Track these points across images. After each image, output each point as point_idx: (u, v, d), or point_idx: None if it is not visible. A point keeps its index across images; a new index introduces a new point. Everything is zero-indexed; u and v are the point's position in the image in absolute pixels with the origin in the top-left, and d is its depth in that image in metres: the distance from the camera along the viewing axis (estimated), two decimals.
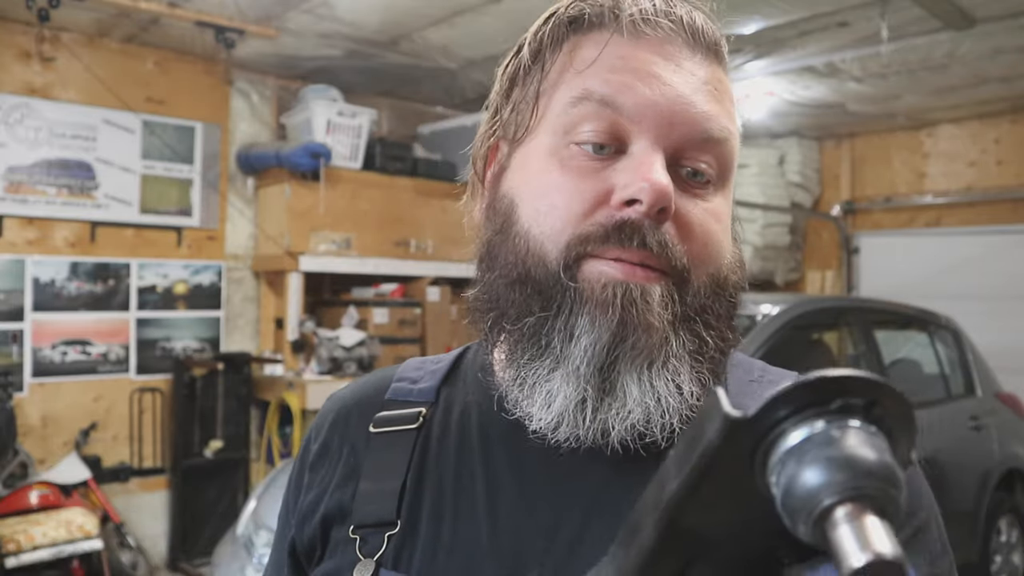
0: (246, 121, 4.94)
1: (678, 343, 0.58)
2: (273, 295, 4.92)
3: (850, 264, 6.82)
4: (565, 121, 0.61)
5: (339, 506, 0.67)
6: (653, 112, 0.58)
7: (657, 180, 0.57)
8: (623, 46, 0.60)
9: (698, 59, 0.61)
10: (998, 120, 6.03)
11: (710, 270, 0.61)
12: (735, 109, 0.65)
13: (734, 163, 0.64)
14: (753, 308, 3.45)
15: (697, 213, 0.60)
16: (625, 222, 0.57)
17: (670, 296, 0.58)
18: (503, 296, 0.62)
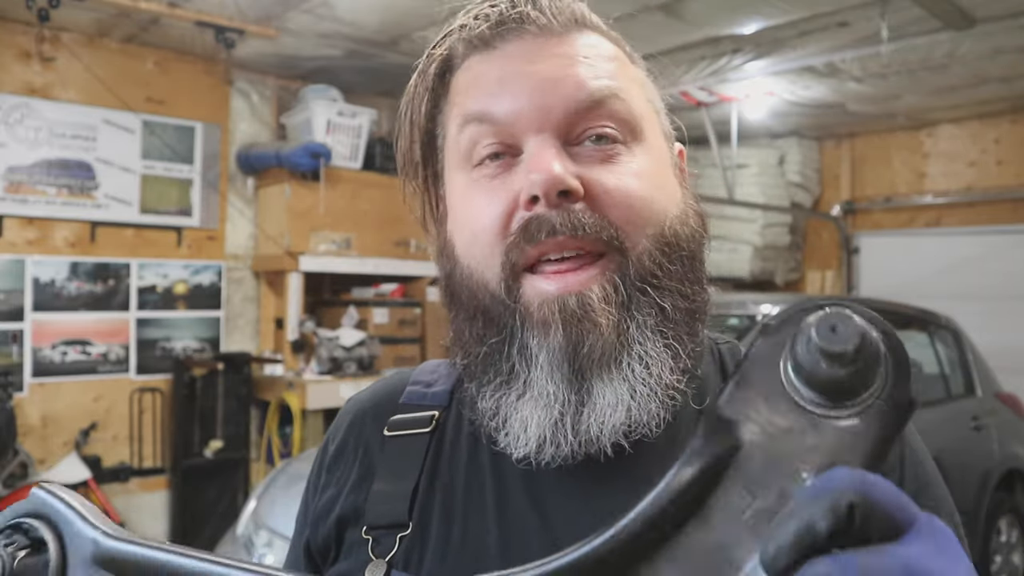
0: (246, 121, 4.94)
1: (635, 326, 0.57)
2: (273, 295, 4.92)
3: (850, 264, 6.82)
4: (461, 150, 0.62)
5: (354, 508, 0.68)
6: (526, 107, 0.58)
7: (544, 168, 0.56)
8: (483, 62, 0.62)
9: (556, 40, 0.61)
10: (998, 120, 6.03)
11: (648, 231, 0.59)
12: (623, 65, 0.64)
13: (637, 116, 0.62)
14: (753, 308, 3.45)
15: (611, 179, 0.59)
16: (531, 220, 0.57)
17: (612, 283, 0.57)
18: (464, 332, 0.63)
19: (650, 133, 0.63)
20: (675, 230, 0.61)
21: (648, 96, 0.66)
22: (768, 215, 6.44)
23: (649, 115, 0.64)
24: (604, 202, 0.58)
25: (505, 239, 0.59)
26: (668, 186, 0.63)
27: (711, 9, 3.83)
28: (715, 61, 4.49)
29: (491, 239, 0.59)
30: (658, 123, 0.66)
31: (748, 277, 6.49)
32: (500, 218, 0.59)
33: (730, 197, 5.92)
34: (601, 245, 0.57)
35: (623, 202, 0.58)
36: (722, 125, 5.69)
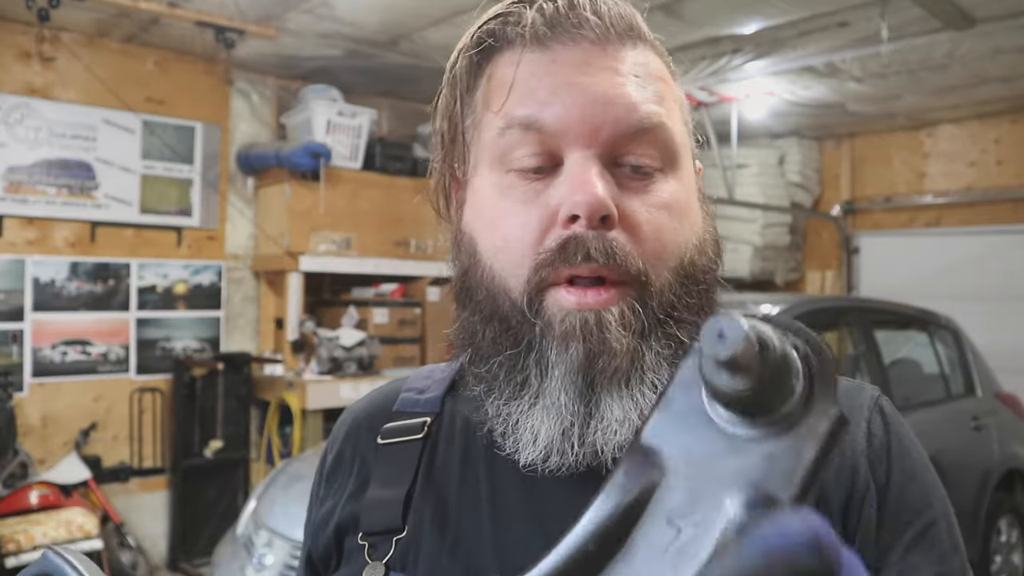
0: (246, 121, 4.94)
1: (651, 355, 0.58)
2: (273, 295, 4.92)
3: (850, 264, 6.82)
4: (497, 151, 0.61)
5: (352, 516, 0.69)
6: (576, 122, 0.58)
7: (591, 192, 0.56)
8: (534, 63, 0.60)
9: (611, 51, 0.60)
10: (998, 120, 6.03)
11: (670, 264, 0.60)
12: (670, 86, 0.64)
13: (678, 144, 0.62)
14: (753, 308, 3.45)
15: (644, 212, 0.59)
16: (569, 239, 0.57)
17: (631, 311, 0.58)
18: (479, 333, 0.63)
19: (685, 159, 0.63)
20: (694, 261, 0.61)
21: (686, 117, 0.66)
22: (768, 215, 6.44)
23: (685, 140, 0.64)
24: (637, 234, 0.58)
25: (537, 254, 0.58)
26: (693, 214, 0.63)
27: (711, 9, 3.83)
28: (715, 61, 4.49)
29: (523, 250, 0.59)
30: (690, 146, 0.65)
31: (748, 277, 6.49)
32: (535, 231, 0.59)
33: (730, 197, 5.92)
34: (627, 277, 0.58)
35: (653, 236, 0.59)
36: (722, 125, 5.69)
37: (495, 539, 0.62)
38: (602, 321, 0.57)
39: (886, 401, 0.67)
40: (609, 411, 0.57)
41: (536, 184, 0.60)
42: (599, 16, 0.60)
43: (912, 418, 3.69)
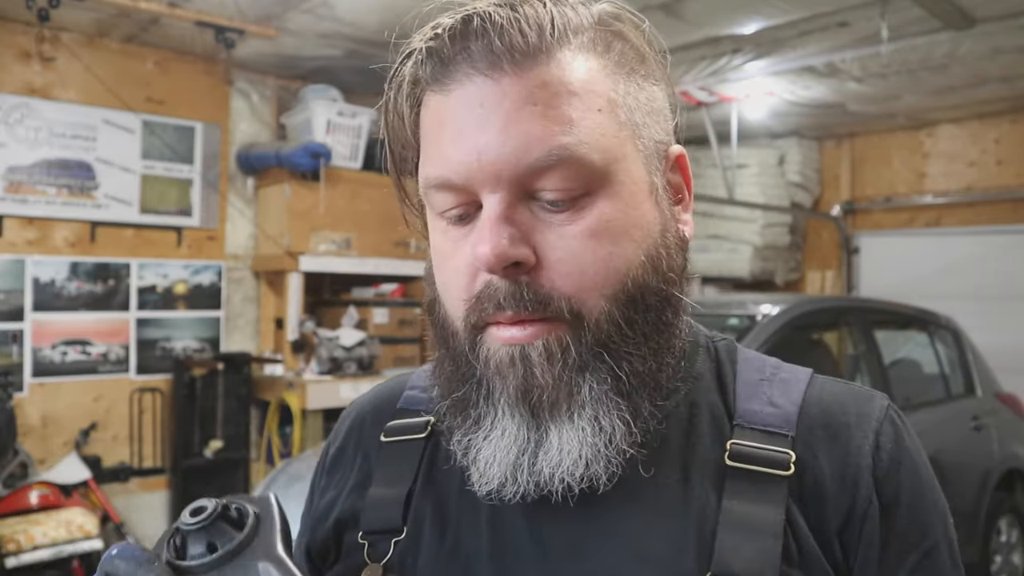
0: (246, 121, 4.94)
1: (587, 389, 0.57)
2: (273, 295, 4.92)
3: (850, 264, 6.82)
4: (431, 205, 0.62)
5: (351, 512, 0.69)
6: (476, 172, 0.56)
7: (487, 245, 0.55)
8: (441, 110, 0.58)
9: (506, 81, 0.55)
10: (998, 120, 6.04)
11: (607, 292, 0.57)
12: (585, 93, 0.57)
13: (600, 167, 0.56)
14: (753, 308, 3.45)
15: (563, 246, 0.56)
16: (483, 290, 0.57)
17: (559, 344, 0.56)
18: (442, 369, 0.64)
19: (621, 171, 0.58)
20: (641, 283, 0.58)
21: (625, 117, 0.59)
22: (768, 215, 6.44)
23: (622, 148, 0.58)
24: (558, 270, 0.56)
25: (466, 300, 0.59)
26: (638, 228, 0.58)
27: (711, 9, 3.83)
28: (715, 61, 4.49)
29: (457, 293, 0.60)
30: (637, 149, 0.59)
31: (748, 277, 6.49)
32: (464, 276, 0.59)
33: (730, 197, 5.92)
34: (549, 315, 0.56)
35: (575, 270, 0.56)
36: (722, 125, 5.69)
37: (493, 542, 0.62)
38: (527, 356, 0.56)
39: (896, 412, 0.65)
40: (551, 443, 0.57)
41: (464, 229, 0.59)
42: (490, 41, 0.55)
43: (912, 418, 3.68)
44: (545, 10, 0.57)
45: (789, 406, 0.62)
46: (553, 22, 0.57)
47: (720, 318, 3.53)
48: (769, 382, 0.65)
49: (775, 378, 0.66)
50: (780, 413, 0.62)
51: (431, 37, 0.59)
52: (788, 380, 0.65)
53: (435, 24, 0.60)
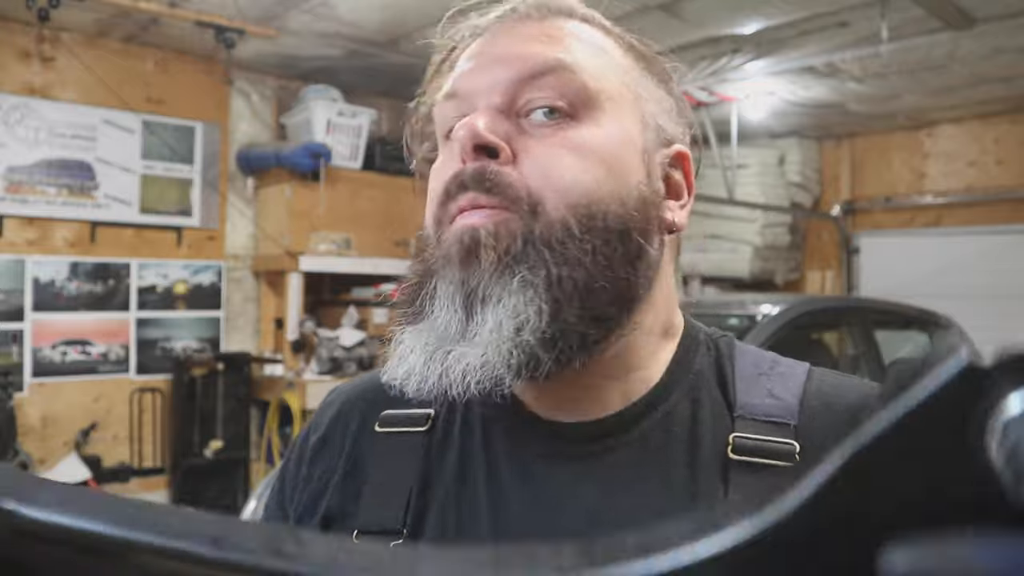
0: (246, 121, 4.94)
1: (519, 279, 0.56)
2: (273, 295, 4.92)
3: (850, 264, 6.82)
4: (439, 127, 0.65)
5: (340, 506, 0.67)
6: (479, 81, 0.61)
7: (466, 123, 0.58)
8: (467, 48, 0.65)
9: (531, 22, 0.63)
10: (998, 120, 6.03)
11: (570, 199, 0.57)
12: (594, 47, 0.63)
13: (592, 90, 0.60)
14: (753, 308, 3.45)
15: (542, 149, 0.59)
16: (453, 176, 0.59)
17: (507, 230, 0.56)
18: (406, 286, 0.63)
19: (611, 109, 0.61)
20: (604, 205, 0.58)
21: (627, 81, 0.63)
22: (768, 215, 6.44)
23: (619, 94, 0.62)
24: (527, 168, 0.58)
25: (441, 196, 0.61)
26: (618, 163, 0.60)
27: (711, 9, 3.83)
28: (715, 61, 4.49)
29: (436, 198, 0.61)
30: (634, 108, 0.63)
31: (748, 277, 6.49)
32: (444, 180, 0.61)
33: (730, 197, 5.92)
34: (508, 203, 0.57)
35: (545, 170, 0.58)
36: (722, 125, 5.69)
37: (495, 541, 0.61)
38: (476, 236, 0.57)
39: None
40: (475, 332, 0.56)
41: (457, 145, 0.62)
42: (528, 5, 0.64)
43: None
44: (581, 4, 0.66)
45: (790, 397, 0.63)
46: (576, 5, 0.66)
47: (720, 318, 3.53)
48: (768, 375, 0.66)
49: (774, 371, 0.66)
50: (781, 404, 0.62)
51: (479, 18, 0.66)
52: (787, 373, 0.66)
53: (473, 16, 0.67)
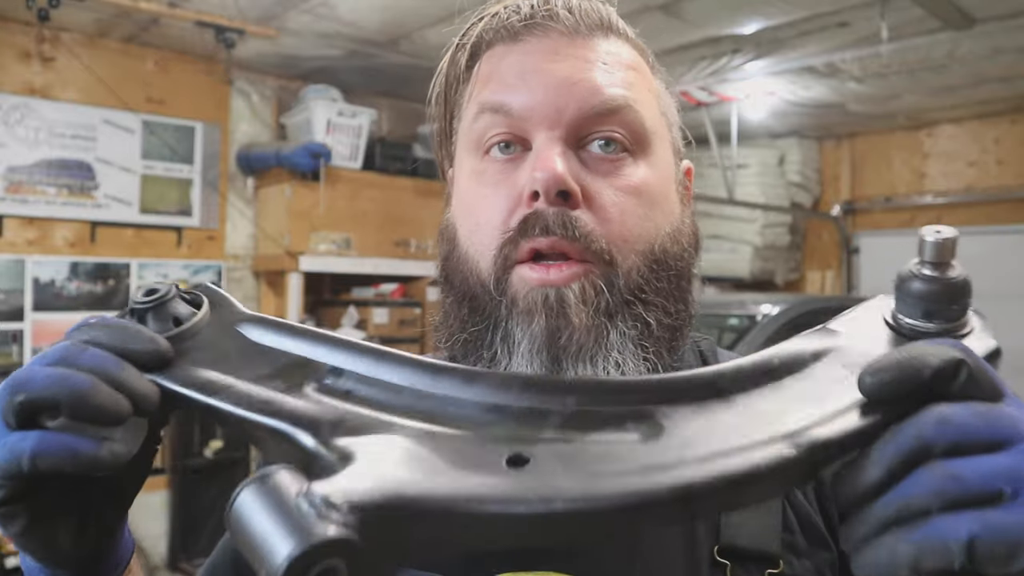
0: (246, 121, 4.94)
1: (616, 333, 0.58)
2: (273, 295, 4.92)
3: (850, 264, 6.82)
4: (473, 137, 0.64)
5: None
6: (540, 104, 0.60)
7: (549, 167, 0.58)
8: (510, 55, 0.63)
9: (580, 41, 0.63)
10: (998, 120, 6.04)
11: (639, 247, 0.60)
12: (642, 76, 0.66)
13: (648, 130, 0.63)
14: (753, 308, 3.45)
15: (610, 194, 0.60)
16: (529, 216, 0.59)
17: (594, 288, 0.58)
18: (451, 315, 0.65)
19: (659, 147, 0.64)
20: (665, 248, 0.62)
21: (663, 109, 0.67)
22: (768, 215, 6.45)
23: (661, 129, 0.65)
24: (601, 215, 0.59)
25: (504, 233, 0.60)
26: (667, 203, 0.64)
27: (711, 9, 3.83)
28: (715, 61, 4.49)
29: (492, 230, 0.61)
30: (669, 138, 0.67)
31: (748, 277, 6.49)
32: (503, 212, 0.61)
33: (730, 197, 5.92)
34: (589, 254, 0.58)
35: (618, 217, 0.60)
36: (722, 125, 5.69)
37: None
38: (563, 297, 0.57)
39: None
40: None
41: (507, 167, 0.62)
42: (570, 11, 0.63)
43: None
44: (605, 8, 0.67)
45: None
46: (613, 17, 0.66)
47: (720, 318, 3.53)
48: None
49: None
50: None
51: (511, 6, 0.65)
52: None
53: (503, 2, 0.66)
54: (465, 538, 0.38)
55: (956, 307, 0.46)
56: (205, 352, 0.51)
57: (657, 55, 0.73)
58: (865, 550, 0.39)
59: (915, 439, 0.39)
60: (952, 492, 0.38)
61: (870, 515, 0.39)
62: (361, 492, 0.37)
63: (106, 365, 0.47)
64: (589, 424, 0.43)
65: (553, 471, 0.39)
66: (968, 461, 0.38)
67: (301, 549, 0.34)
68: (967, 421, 0.39)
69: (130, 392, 0.47)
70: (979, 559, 0.36)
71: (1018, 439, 0.39)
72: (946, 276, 0.47)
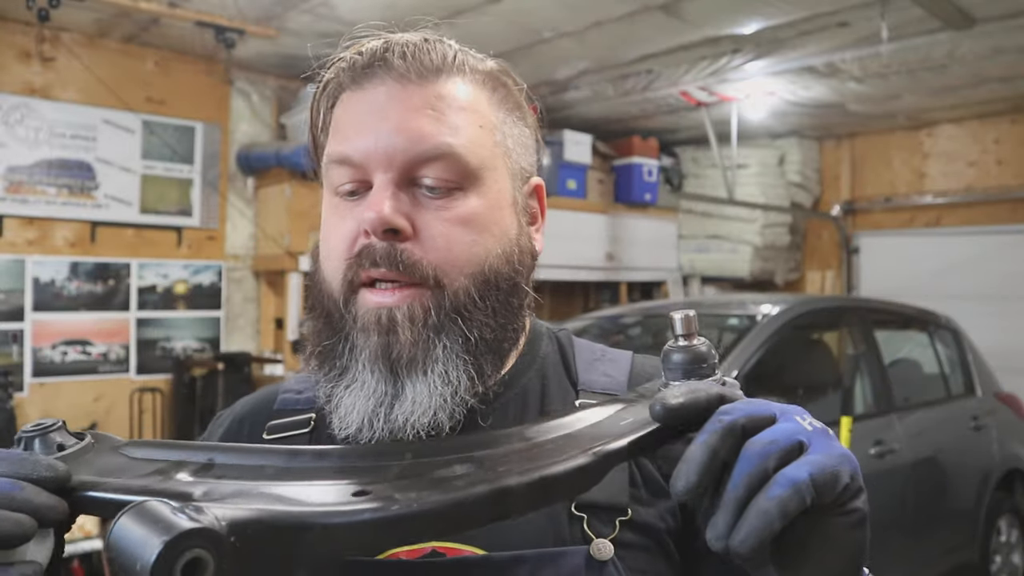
0: (246, 121, 4.94)
1: (442, 347, 0.67)
2: (273, 295, 4.92)
3: (850, 264, 6.82)
4: (329, 180, 0.73)
5: None
6: (373, 153, 0.68)
7: (377, 210, 0.66)
8: (351, 102, 0.71)
9: (412, 89, 0.70)
10: (998, 120, 6.04)
11: (467, 270, 0.68)
12: (478, 113, 0.72)
13: (475, 167, 0.70)
14: (753, 308, 3.45)
15: (439, 225, 0.68)
16: (363, 248, 0.68)
17: (422, 308, 0.67)
18: (312, 328, 0.73)
19: (489, 177, 0.71)
20: (495, 269, 0.70)
21: (500, 139, 0.73)
22: (768, 215, 6.45)
23: (494, 160, 0.72)
24: (428, 245, 0.67)
25: (348, 259, 0.69)
26: (498, 226, 0.71)
27: (711, 9, 3.83)
28: (715, 61, 4.49)
29: (339, 256, 0.70)
30: (505, 165, 0.73)
31: (748, 277, 6.49)
32: (347, 240, 0.69)
33: (730, 197, 5.92)
34: (418, 279, 0.67)
35: (444, 246, 0.68)
36: (722, 125, 5.69)
37: None
38: (392, 317, 0.67)
39: None
40: (410, 394, 0.66)
41: (353, 204, 0.70)
42: (403, 58, 0.70)
43: (912, 418, 3.69)
44: (450, 47, 0.73)
45: (620, 376, 0.78)
46: (455, 56, 0.73)
47: (720, 318, 3.53)
48: (601, 360, 0.80)
49: (605, 358, 0.81)
50: (614, 381, 0.77)
51: (357, 52, 0.73)
52: (616, 359, 0.81)
53: (359, 44, 0.74)
54: (319, 546, 0.46)
55: (706, 366, 0.58)
56: (91, 467, 0.56)
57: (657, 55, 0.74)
58: (739, 529, 0.48)
59: (719, 423, 0.50)
60: (776, 452, 0.49)
61: (725, 503, 0.49)
62: (228, 512, 0.44)
63: (2, 489, 0.51)
64: (423, 469, 0.53)
65: (391, 494, 0.49)
66: (768, 432, 0.50)
67: (169, 536, 0.40)
68: (748, 408, 0.52)
69: (32, 510, 0.51)
70: (820, 491, 0.48)
71: (781, 412, 0.53)
72: (692, 345, 0.59)
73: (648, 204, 6.05)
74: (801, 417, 0.53)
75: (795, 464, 0.49)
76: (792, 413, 0.53)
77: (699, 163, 6.71)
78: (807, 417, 0.53)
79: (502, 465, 0.52)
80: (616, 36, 4.16)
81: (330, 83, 0.75)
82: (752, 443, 0.50)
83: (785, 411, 0.53)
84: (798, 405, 0.56)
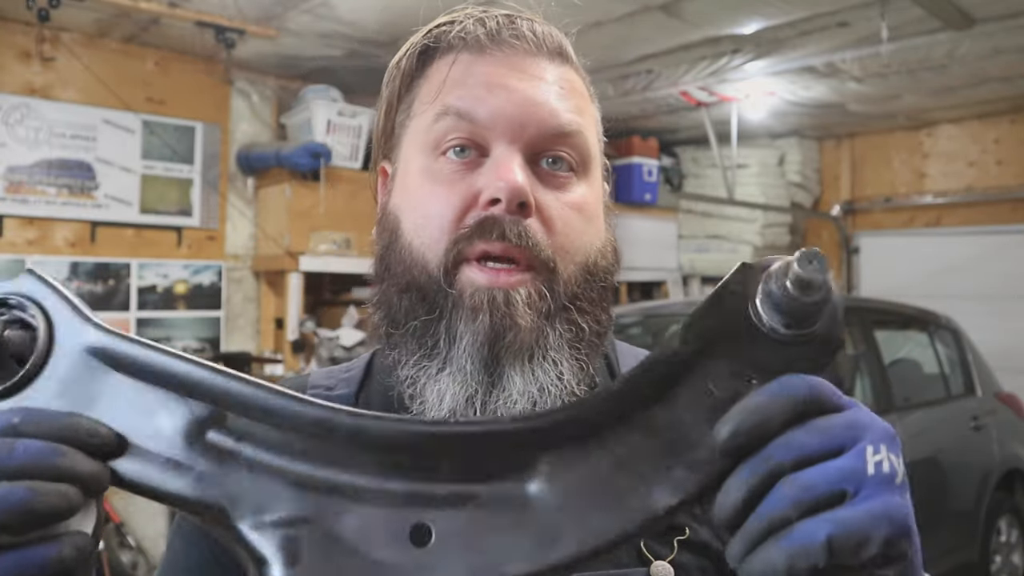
0: (246, 121, 4.94)
1: (554, 335, 0.63)
2: (273, 295, 4.92)
3: (850, 264, 6.82)
4: (431, 138, 0.67)
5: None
6: (504, 118, 0.64)
7: (513, 179, 0.62)
8: (473, 64, 0.67)
9: (542, 64, 0.68)
10: (998, 120, 6.04)
11: (577, 259, 0.66)
12: (588, 103, 0.71)
13: (592, 154, 0.69)
14: None
15: (557, 208, 0.65)
16: (487, 219, 0.63)
17: (538, 293, 0.63)
18: (394, 303, 0.69)
19: (595, 170, 0.70)
20: (596, 261, 0.68)
21: (599, 135, 0.74)
22: (768, 215, 6.45)
23: (598, 155, 0.71)
24: (550, 226, 0.64)
25: (457, 230, 0.64)
26: (599, 220, 0.70)
27: (711, 9, 3.83)
28: (715, 61, 4.49)
29: (443, 225, 0.64)
30: (601, 163, 0.73)
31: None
32: (456, 210, 0.64)
33: (730, 197, 5.93)
34: (537, 262, 0.63)
35: (563, 230, 0.65)
36: (722, 125, 5.69)
37: None
38: (510, 299, 0.62)
39: None
40: (511, 383, 0.62)
41: (462, 169, 0.65)
42: (533, 33, 0.68)
43: (912, 418, 3.69)
44: (560, 36, 0.72)
45: None
46: (566, 45, 0.72)
47: None
48: (636, 356, 0.79)
49: (639, 354, 0.79)
50: None
51: (478, 19, 0.69)
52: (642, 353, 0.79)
53: (478, 11, 0.71)
54: None
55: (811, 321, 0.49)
56: (63, 400, 0.49)
57: (657, 55, 0.76)
58: (747, 562, 0.45)
59: (765, 461, 0.45)
60: (806, 500, 0.44)
61: (745, 532, 0.45)
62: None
63: (43, 457, 0.45)
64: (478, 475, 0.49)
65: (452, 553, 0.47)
66: (814, 470, 0.45)
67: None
68: (806, 440, 0.46)
69: (77, 479, 0.46)
70: (837, 554, 0.43)
71: (851, 443, 0.46)
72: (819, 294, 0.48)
73: (648, 204, 6.05)
74: (875, 451, 0.45)
75: (817, 520, 0.43)
76: (868, 443, 0.45)
77: (699, 163, 6.71)
78: (884, 451, 0.46)
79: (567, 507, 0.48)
80: (616, 36, 4.16)
81: (432, 44, 0.70)
82: (790, 483, 0.45)
83: (859, 440, 0.46)
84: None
